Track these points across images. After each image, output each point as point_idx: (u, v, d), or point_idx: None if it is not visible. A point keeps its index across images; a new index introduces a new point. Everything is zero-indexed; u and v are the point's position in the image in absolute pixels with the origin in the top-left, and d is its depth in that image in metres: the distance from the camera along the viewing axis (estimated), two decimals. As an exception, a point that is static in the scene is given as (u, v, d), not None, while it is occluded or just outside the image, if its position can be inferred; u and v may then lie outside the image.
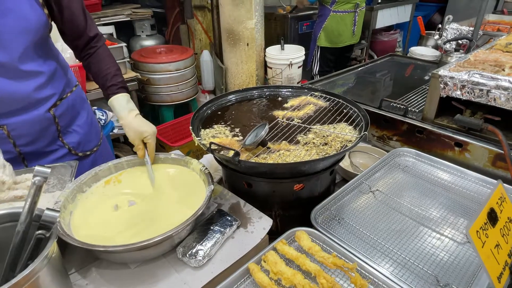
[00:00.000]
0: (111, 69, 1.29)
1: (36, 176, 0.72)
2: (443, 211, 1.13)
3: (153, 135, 1.21)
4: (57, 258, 0.75)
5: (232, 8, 2.71)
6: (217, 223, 1.02)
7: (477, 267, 0.91)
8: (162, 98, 3.44)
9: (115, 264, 0.95)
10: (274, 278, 0.86)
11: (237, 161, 1.00)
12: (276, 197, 1.19)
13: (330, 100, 1.48)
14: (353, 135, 1.21)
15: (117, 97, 1.25)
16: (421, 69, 2.39)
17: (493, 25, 2.92)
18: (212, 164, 1.49)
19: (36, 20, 1.12)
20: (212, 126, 1.32)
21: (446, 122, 1.53)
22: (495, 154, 1.35)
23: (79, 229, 0.95)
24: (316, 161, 1.07)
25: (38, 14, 1.12)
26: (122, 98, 1.25)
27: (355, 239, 1.02)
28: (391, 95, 2.02)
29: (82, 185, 1.09)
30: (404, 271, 0.92)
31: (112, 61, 1.32)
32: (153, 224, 0.98)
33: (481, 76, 1.34)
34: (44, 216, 0.72)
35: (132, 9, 3.59)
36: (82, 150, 1.44)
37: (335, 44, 3.64)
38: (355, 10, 3.53)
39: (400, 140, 1.66)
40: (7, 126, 1.19)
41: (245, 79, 3.01)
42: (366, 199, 1.19)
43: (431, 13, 5.97)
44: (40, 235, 0.72)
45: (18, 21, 1.08)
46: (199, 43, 4.24)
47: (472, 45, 2.20)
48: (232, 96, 1.54)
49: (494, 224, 0.72)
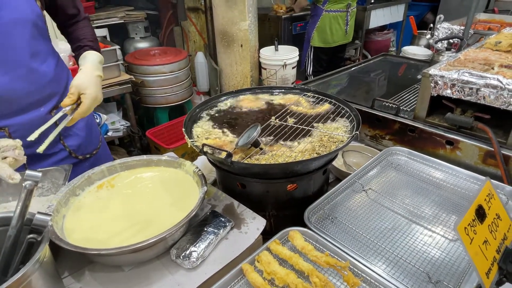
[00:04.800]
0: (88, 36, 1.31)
1: (27, 180, 0.72)
2: (435, 208, 1.15)
3: (93, 98, 1.11)
4: (49, 261, 0.75)
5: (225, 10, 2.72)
6: (211, 224, 1.02)
7: (468, 264, 0.92)
8: (156, 100, 3.43)
9: (109, 267, 0.95)
10: (268, 278, 0.87)
11: (229, 162, 1.01)
12: (269, 197, 1.19)
13: (323, 101, 1.49)
14: (345, 135, 1.22)
15: (91, 52, 1.26)
16: (414, 68, 2.41)
17: (484, 24, 2.95)
18: (206, 165, 1.50)
19: (30, 12, 1.13)
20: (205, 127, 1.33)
21: (437, 121, 1.54)
22: (486, 152, 1.37)
23: (72, 233, 0.95)
24: (308, 161, 1.08)
25: (31, 5, 1.14)
26: (95, 55, 1.26)
27: (348, 238, 1.03)
28: (383, 94, 2.04)
29: (75, 189, 1.09)
30: (396, 269, 0.93)
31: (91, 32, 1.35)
32: (147, 227, 0.98)
33: (470, 74, 1.35)
34: (35, 220, 0.72)
35: (125, 11, 3.58)
36: (82, 153, 1.45)
37: (328, 44, 3.67)
38: (347, 10, 3.57)
39: (393, 139, 1.67)
40: (9, 128, 1.20)
41: (240, 80, 3.02)
42: (359, 198, 1.20)
43: (423, 12, 6.02)
44: (31, 239, 0.72)
45: (13, 14, 1.09)
46: (193, 44, 4.24)
47: (463, 44, 2.22)
48: (225, 98, 1.54)
49: (482, 221, 0.73)
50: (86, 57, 1.25)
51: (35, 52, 1.19)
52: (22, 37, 1.13)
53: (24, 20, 1.12)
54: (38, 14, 1.16)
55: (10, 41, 1.11)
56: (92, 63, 1.23)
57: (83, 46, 1.27)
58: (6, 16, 1.08)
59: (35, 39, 1.18)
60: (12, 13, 1.09)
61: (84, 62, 1.23)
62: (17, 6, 1.10)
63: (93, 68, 1.20)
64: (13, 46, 1.12)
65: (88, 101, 1.10)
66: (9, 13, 1.08)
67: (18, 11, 1.10)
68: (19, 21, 1.11)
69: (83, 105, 1.10)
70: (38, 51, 1.21)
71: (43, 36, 1.22)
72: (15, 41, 1.12)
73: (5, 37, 1.09)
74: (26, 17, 1.12)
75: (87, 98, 1.10)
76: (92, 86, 1.14)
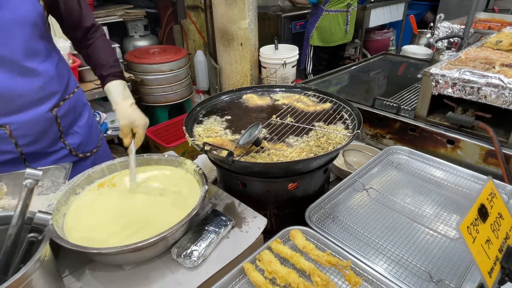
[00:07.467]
0: (109, 60, 1.30)
1: (27, 179, 0.71)
2: (436, 207, 1.14)
3: (143, 126, 1.20)
4: (50, 261, 0.75)
5: (225, 8, 2.71)
6: (212, 223, 1.02)
7: (469, 263, 0.92)
8: (156, 98, 3.42)
9: (109, 266, 0.94)
10: (269, 277, 0.86)
11: (230, 161, 1.00)
12: (270, 196, 1.19)
13: (323, 99, 1.49)
14: (346, 134, 1.22)
15: (114, 83, 1.26)
16: (414, 68, 2.41)
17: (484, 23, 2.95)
18: (207, 164, 1.49)
19: (31, 11, 1.12)
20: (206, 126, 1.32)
21: (438, 120, 1.54)
22: (487, 151, 1.37)
23: (72, 232, 0.95)
24: (309, 160, 1.07)
25: (33, 4, 1.13)
26: (119, 85, 1.26)
27: (349, 237, 1.03)
28: (384, 93, 2.04)
29: (75, 187, 1.08)
30: (397, 268, 0.93)
31: (111, 52, 1.34)
32: (147, 226, 0.98)
33: (472, 73, 1.35)
34: (36, 219, 0.72)
35: (124, 9, 3.56)
36: (82, 151, 1.45)
37: (327, 43, 3.66)
38: (347, 10, 3.56)
39: (393, 138, 1.67)
40: (10, 126, 1.19)
41: (240, 79, 3.01)
42: (360, 197, 1.20)
43: (423, 11, 6.01)
44: (32, 238, 0.72)
45: (14, 13, 1.08)
46: (192, 43, 4.23)
47: (463, 43, 2.22)
48: (226, 96, 1.54)
49: (485, 220, 0.73)
50: (111, 92, 1.25)
51: (34, 51, 1.18)
52: (23, 36, 1.12)
53: (23, 20, 1.11)
54: (39, 13, 1.15)
55: (11, 40, 1.10)
56: (121, 95, 1.24)
57: (106, 76, 1.27)
58: (5, 16, 1.07)
59: (36, 37, 1.17)
60: (11, 13, 1.08)
61: (112, 98, 1.24)
62: (17, 6, 1.09)
63: (124, 99, 1.23)
64: (12, 45, 1.11)
65: (142, 131, 1.20)
66: (7, 12, 1.07)
67: (18, 10, 1.09)
68: (18, 20, 1.10)
69: (138, 135, 1.19)
70: (38, 51, 1.20)
71: (43, 35, 1.21)
72: (14, 40, 1.11)
73: (4, 36, 1.08)
74: (26, 17, 1.11)
75: (140, 129, 1.19)
76: (136, 117, 1.20)
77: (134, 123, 1.18)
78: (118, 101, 1.22)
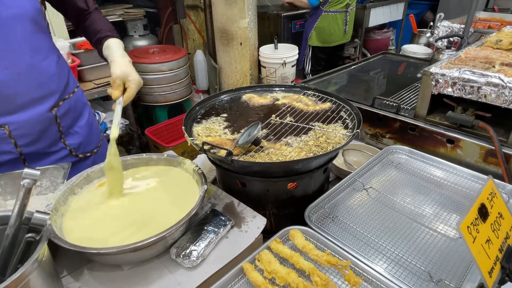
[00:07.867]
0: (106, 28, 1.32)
1: (25, 179, 0.71)
2: (436, 207, 1.14)
3: (137, 83, 1.18)
4: (48, 261, 0.74)
5: (225, 8, 2.70)
6: (211, 223, 1.02)
7: (469, 263, 0.92)
8: (155, 98, 3.42)
9: (108, 266, 0.94)
10: (268, 277, 0.86)
11: (230, 161, 1.00)
12: (270, 196, 1.18)
13: (323, 99, 1.48)
14: (345, 133, 1.21)
15: (113, 40, 1.27)
16: (414, 67, 2.41)
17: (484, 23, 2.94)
18: (206, 164, 1.49)
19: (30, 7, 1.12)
20: (205, 125, 1.32)
21: (438, 119, 1.54)
22: (487, 150, 1.37)
23: (71, 232, 0.94)
24: (309, 160, 1.07)
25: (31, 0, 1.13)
26: (118, 43, 1.27)
27: (349, 237, 1.03)
28: (384, 93, 2.03)
29: (74, 187, 1.08)
30: (397, 267, 0.92)
31: (107, 23, 1.35)
32: (146, 226, 0.97)
33: (471, 73, 1.35)
34: (33, 219, 0.71)
35: (124, 9, 3.56)
36: (82, 151, 1.44)
37: (326, 44, 3.66)
38: (346, 10, 3.56)
39: (393, 138, 1.67)
40: (9, 126, 1.18)
41: (239, 79, 3.00)
42: (360, 197, 1.20)
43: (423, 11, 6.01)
44: (30, 238, 0.72)
45: (11, 9, 1.08)
46: (192, 43, 4.22)
47: (463, 42, 2.22)
48: (225, 96, 1.53)
49: (485, 220, 0.73)
50: (111, 47, 1.26)
51: (36, 48, 1.18)
52: (22, 32, 1.12)
53: (23, 16, 1.11)
54: (37, 9, 1.15)
55: (10, 37, 1.10)
56: (120, 51, 1.25)
57: (103, 37, 1.28)
58: (4, 12, 1.06)
59: (36, 35, 1.17)
60: (10, 9, 1.08)
61: (111, 52, 1.25)
62: (15, 1, 1.09)
63: (122, 56, 1.23)
64: (13, 42, 1.11)
65: (134, 86, 1.17)
66: (6, 8, 1.07)
67: (16, 6, 1.09)
68: (18, 16, 1.10)
69: (130, 90, 1.16)
70: (39, 47, 1.20)
71: (43, 32, 1.21)
72: (15, 37, 1.11)
73: (5, 32, 1.08)
74: (25, 13, 1.11)
75: (133, 84, 1.16)
76: (132, 72, 1.18)
77: (128, 77, 1.16)
78: (117, 56, 1.21)
